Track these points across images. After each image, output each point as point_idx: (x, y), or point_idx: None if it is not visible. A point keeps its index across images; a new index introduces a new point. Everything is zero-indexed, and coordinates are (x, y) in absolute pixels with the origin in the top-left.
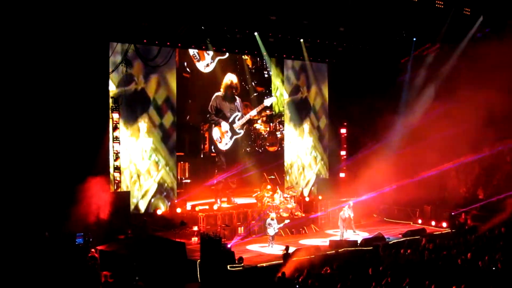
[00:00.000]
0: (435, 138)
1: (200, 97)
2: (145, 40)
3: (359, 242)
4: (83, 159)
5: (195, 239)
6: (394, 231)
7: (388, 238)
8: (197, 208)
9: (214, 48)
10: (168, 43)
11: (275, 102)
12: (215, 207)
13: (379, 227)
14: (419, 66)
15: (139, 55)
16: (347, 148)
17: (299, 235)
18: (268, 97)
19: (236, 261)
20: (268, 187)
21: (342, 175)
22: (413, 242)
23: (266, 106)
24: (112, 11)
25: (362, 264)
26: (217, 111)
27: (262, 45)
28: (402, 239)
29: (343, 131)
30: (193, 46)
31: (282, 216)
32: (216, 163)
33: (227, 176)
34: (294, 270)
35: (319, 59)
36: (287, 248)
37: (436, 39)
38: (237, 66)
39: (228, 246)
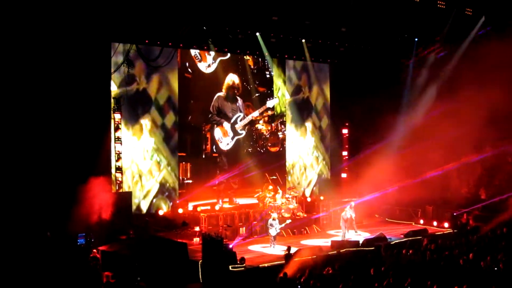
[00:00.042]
0: (437, 138)
1: (202, 97)
2: (147, 41)
3: (361, 243)
4: (85, 159)
5: (197, 240)
6: (396, 231)
7: (390, 239)
8: (199, 209)
9: (216, 48)
10: (170, 44)
11: (277, 102)
12: (217, 207)
13: (381, 227)
14: (421, 66)
15: (141, 55)
16: (349, 148)
17: (301, 236)
18: (271, 98)
19: (238, 261)
20: (270, 187)
21: (344, 175)
22: (415, 243)
23: (268, 107)
24: (114, 12)
25: (364, 264)
26: (218, 111)
27: (264, 45)
28: (404, 240)
29: (345, 131)
30: (194, 47)
31: (283, 216)
32: (218, 163)
33: (229, 177)
34: (296, 271)
35: (320, 59)
36: (289, 249)
37: (438, 39)
38: (238, 66)
39: (230, 246)
